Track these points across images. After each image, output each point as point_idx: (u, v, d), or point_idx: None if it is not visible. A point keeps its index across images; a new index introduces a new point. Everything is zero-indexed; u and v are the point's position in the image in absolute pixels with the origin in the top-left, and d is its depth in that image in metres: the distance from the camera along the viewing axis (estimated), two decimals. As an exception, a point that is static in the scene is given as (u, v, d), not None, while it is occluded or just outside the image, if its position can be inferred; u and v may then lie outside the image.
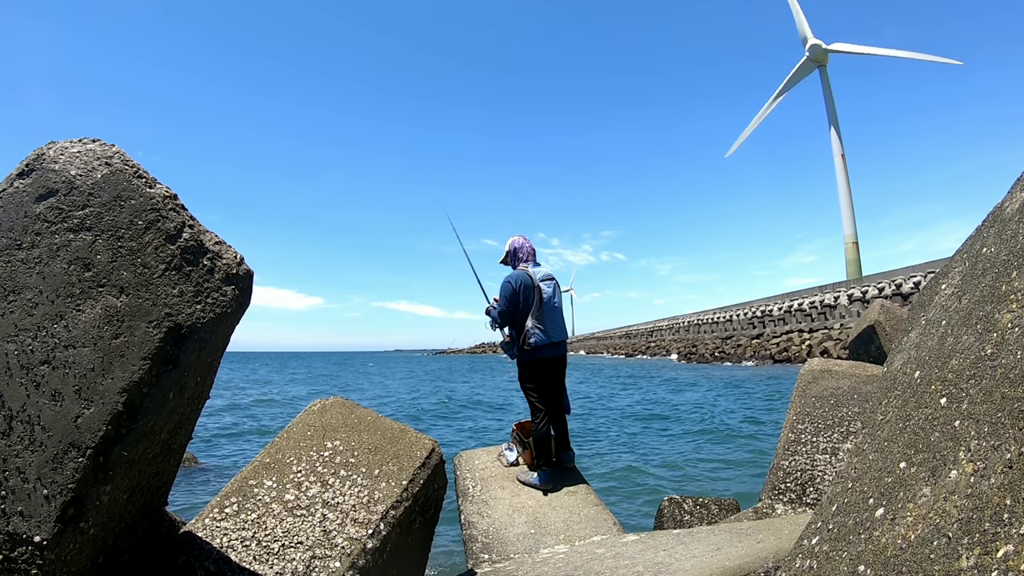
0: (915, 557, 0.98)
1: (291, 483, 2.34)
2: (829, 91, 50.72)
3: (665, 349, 57.05)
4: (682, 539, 2.64)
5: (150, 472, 1.73)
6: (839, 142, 49.60)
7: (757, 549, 2.12)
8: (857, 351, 8.17)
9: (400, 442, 2.61)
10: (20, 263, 1.54)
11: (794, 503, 3.60)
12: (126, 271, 1.58)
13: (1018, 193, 1.49)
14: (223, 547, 2.09)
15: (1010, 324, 1.12)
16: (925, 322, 1.62)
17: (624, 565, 2.39)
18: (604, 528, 3.35)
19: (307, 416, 2.69)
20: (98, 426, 1.45)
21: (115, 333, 1.53)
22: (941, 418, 1.14)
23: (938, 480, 1.04)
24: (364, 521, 2.25)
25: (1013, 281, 1.20)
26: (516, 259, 4.03)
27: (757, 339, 41.79)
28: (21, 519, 1.39)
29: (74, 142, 1.66)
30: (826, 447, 3.66)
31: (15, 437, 1.44)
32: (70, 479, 1.42)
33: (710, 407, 15.47)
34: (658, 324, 77.01)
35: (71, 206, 1.58)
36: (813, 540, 1.31)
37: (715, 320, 55.01)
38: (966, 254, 1.65)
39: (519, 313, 3.81)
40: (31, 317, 1.51)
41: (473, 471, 4.03)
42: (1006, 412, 0.98)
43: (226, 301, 1.68)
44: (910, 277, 30.88)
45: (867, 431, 1.43)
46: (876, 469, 1.24)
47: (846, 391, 3.81)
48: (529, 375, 3.87)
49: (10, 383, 1.47)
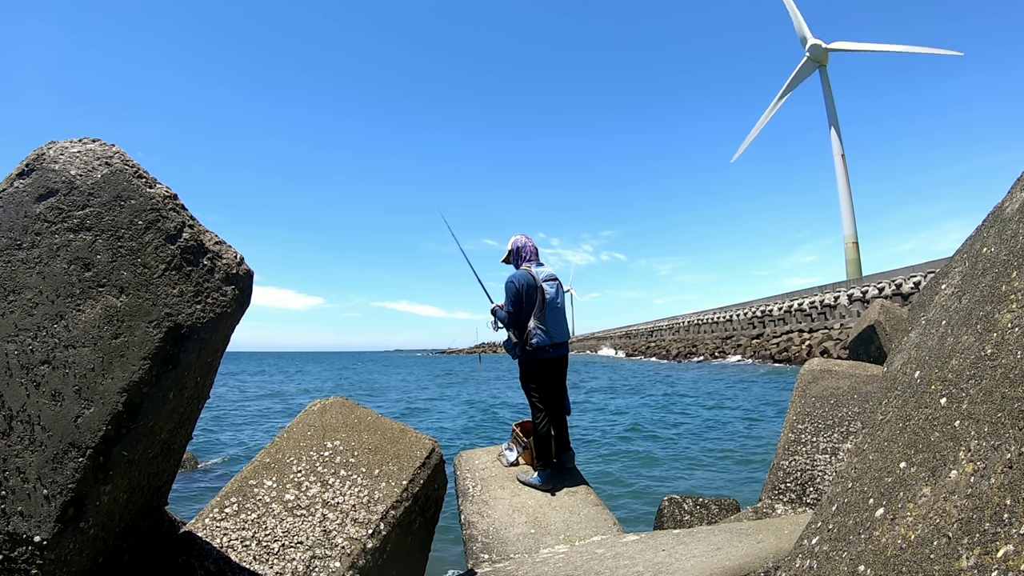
0: (915, 557, 0.98)
1: (291, 483, 2.34)
2: (829, 91, 50.71)
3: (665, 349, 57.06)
4: (682, 539, 2.64)
5: (150, 472, 1.73)
6: (839, 142, 49.58)
7: (757, 549, 2.12)
8: (857, 351, 8.17)
9: (400, 442, 2.61)
10: (20, 263, 1.54)
11: (794, 503, 3.60)
12: (126, 271, 1.58)
13: (1018, 193, 1.48)
14: (223, 547, 2.09)
15: (1010, 324, 1.12)
16: (925, 322, 1.62)
17: (624, 565, 2.39)
18: (604, 528, 3.35)
19: (307, 416, 2.69)
20: (98, 426, 1.45)
21: (115, 333, 1.53)
22: (941, 418, 1.14)
23: (938, 480, 1.04)
24: (364, 521, 2.25)
25: (1013, 281, 1.20)
26: (519, 259, 4.02)
27: (757, 339, 41.79)
28: (21, 519, 1.39)
29: (74, 142, 1.66)
30: (826, 447, 3.65)
31: (15, 437, 1.44)
32: (70, 479, 1.42)
33: (710, 407, 15.48)
34: (658, 324, 76.99)
35: (71, 206, 1.58)
36: (813, 540, 1.31)
37: (715, 320, 55.00)
38: (966, 254, 1.65)
39: (522, 313, 3.81)
40: (31, 317, 1.51)
41: (473, 471, 4.03)
42: (1006, 412, 0.98)
43: (226, 301, 1.68)
44: (910, 277, 30.87)
45: (867, 431, 1.43)
46: (876, 469, 1.24)
47: (846, 391, 3.81)
48: (530, 375, 3.87)
49: (10, 383, 1.47)
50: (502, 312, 3.87)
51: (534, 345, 3.76)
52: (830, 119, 50.42)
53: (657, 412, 15.01)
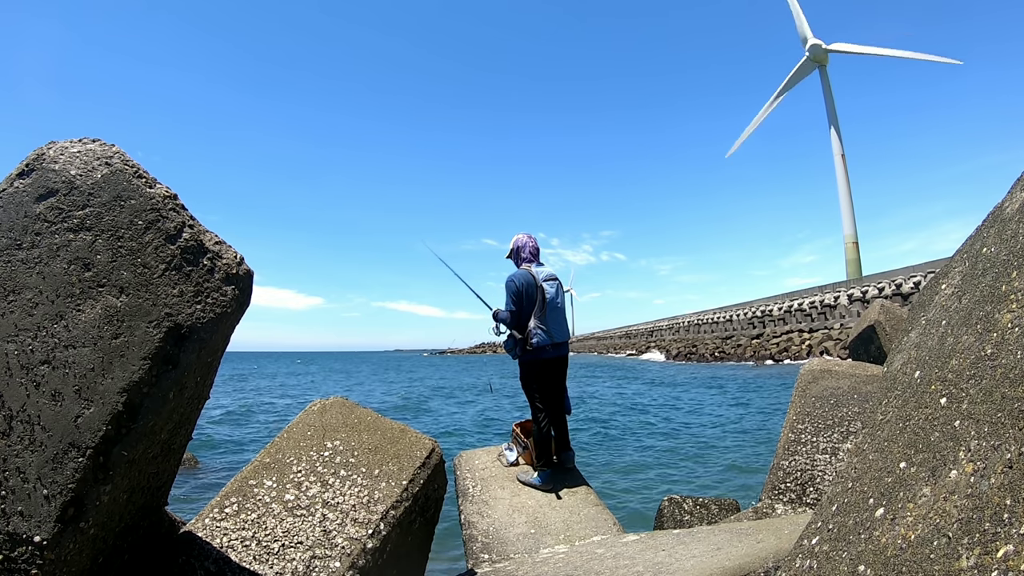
0: (915, 557, 0.98)
1: (291, 483, 2.34)
2: (829, 91, 50.71)
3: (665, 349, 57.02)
4: (682, 539, 2.64)
5: (150, 472, 1.73)
6: (839, 142, 49.58)
7: (757, 549, 2.12)
8: (857, 351, 8.17)
9: (400, 442, 2.61)
10: (20, 263, 1.54)
11: (794, 503, 3.60)
12: (126, 271, 1.58)
13: (1018, 193, 1.48)
14: (223, 547, 2.09)
15: (1010, 324, 1.12)
16: (925, 322, 1.62)
17: (624, 565, 2.39)
18: (604, 528, 3.35)
19: (307, 416, 2.69)
20: (98, 426, 1.45)
21: (115, 333, 1.53)
22: (941, 418, 1.14)
23: (938, 480, 1.04)
24: (364, 521, 2.25)
25: (1013, 281, 1.20)
26: (519, 258, 4.02)
27: (757, 339, 41.78)
28: (21, 519, 1.39)
29: (74, 142, 1.66)
30: (826, 447, 3.65)
31: (15, 437, 1.44)
32: (70, 479, 1.42)
33: (710, 407, 15.47)
34: (658, 324, 76.99)
35: (71, 206, 1.58)
36: (813, 540, 1.31)
37: (715, 320, 55.00)
38: (966, 254, 1.65)
39: (522, 313, 3.81)
40: (31, 317, 1.51)
41: (473, 471, 4.03)
42: (1006, 412, 0.98)
43: (226, 301, 1.67)
44: (910, 277, 30.88)
45: (867, 431, 1.43)
46: (876, 469, 1.24)
47: (846, 391, 3.81)
48: (531, 375, 3.87)
49: (10, 383, 1.47)
50: (504, 314, 3.87)
51: (534, 345, 3.75)
52: (830, 119, 50.42)
53: (657, 411, 15.01)
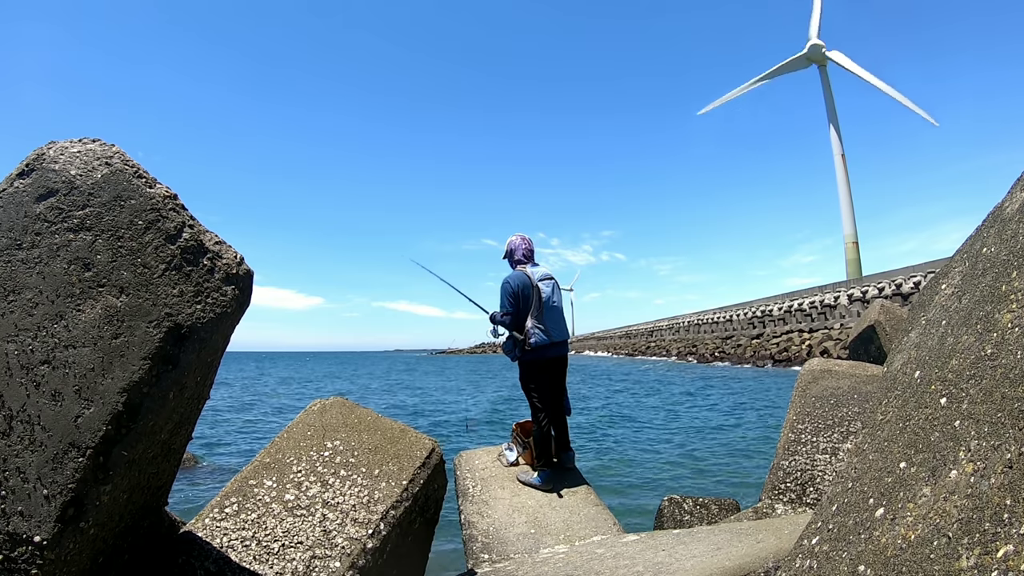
0: (915, 557, 0.98)
1: (291, 483, 2.34)
2: (829, 91, 50.70)
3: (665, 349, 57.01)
4: (682, 539, 2.64)
5: (150, 472, 1.73)
6: (839, 142, 49.57)
7: (757, 549, 2.12)
8: (857, 351, 8.16)
9: (400, 442, 2.61)
10: (20, 263, 1.54)
11: (794, 503, 3.60)
12: (126, 271, 1.58)
13: (1018, 193, 1.48)
14: (223, 547, 2.09)
15: (1010, 324, 1.12)
16: (925, 322, 1.62)
17: (624, 565, 2.39)
18: (604, 528, 3.35)
19: (307, 416, 2.69)
20: (98, 426, 1.45)
21: (115, 333, 1.53)
22: (941, 418, 1.14)
23: (938, 480, 1.04)
24: (364, 521, 2.25)
25: (1013, 281, 1.20)
26: (513, 259, 4.02)
27: (757, 339, 41.77)
28: (21, 519, 1.39)
29: (74, 142, 1.66)
30: (826, 447, 3.65)
31: (15, 437, 1.44)
32: (70, 479, 1.42)
33: (710, 407, 15.47)
34: (658, 324, 76.99)
35: (71, 206, 1.58)
36: (813, 540, 1.31)
37: (715, 320, 54.99)
38: (966, 254, 1.65)
39: (519, 313, 3.81)
40: (31, 317, 1.51)
41: (473, 471, 4.03)
42: (1006, 412, 0.98)
43: (226, 301, 1.67)
44: (910, 277, 30.87)
45: (867, 431, 1.43)
46: (876, 469, 1.24)
47: (846, 391, 3.81)
48: (530, 375, 3.87)
49: (10, 383, 1.47)
50: (502, 316, 3.86)
51: (533, 345, 3.75)
52: (830, 119, 50.41)
53: (657, 411, 15.00)
